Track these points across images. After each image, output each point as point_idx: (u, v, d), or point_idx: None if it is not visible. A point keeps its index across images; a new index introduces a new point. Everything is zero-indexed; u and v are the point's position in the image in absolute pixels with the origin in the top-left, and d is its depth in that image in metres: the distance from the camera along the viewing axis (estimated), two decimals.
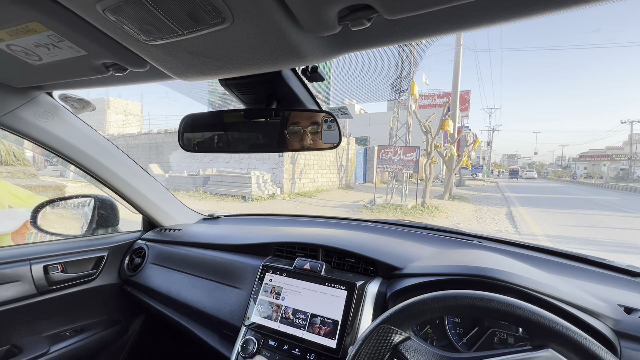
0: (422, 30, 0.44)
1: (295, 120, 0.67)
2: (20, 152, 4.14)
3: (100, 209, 1.37)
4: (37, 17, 0.48)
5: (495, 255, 0.87)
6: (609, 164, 46.66)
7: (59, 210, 1.46)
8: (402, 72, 11.08)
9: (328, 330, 0.78)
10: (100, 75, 0.65)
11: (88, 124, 1.07)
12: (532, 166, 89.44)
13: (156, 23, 0.43)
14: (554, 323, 0.46)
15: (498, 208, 10.14)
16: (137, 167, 1.26)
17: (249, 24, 0.42)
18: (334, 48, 0.51)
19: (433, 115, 10.91)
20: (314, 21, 0.41)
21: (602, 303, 0.65)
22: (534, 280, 0.67)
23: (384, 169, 9.74)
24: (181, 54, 0.52)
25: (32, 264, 1.05)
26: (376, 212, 8.46)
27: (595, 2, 0.34)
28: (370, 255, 0.88)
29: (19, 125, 0.91)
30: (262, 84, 0.65)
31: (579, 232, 6.60)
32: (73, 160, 1.06)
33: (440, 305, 0.53)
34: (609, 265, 0.86)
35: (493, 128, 47.63)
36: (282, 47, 0.48)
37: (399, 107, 11.43)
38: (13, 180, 3.47)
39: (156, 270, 1.25)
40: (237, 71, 0.57)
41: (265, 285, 0.92)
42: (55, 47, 0.55)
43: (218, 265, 1.10)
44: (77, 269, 1.17)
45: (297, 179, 12.06)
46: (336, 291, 0.81)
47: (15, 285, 1.01)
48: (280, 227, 1.35)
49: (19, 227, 2.81)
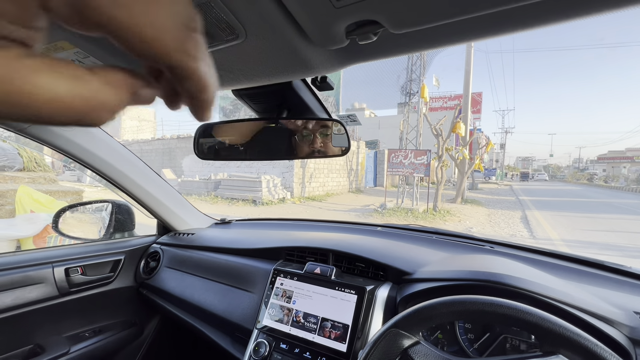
0: (428, 42, 0.45)
1: (306, 128, 0.69)
2: (41, 158, 4.31)
3: (117, 214, 1.42)
4: (66, 37, 0.51)
5: (506, 260, 0.86)
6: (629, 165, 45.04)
7: (79, 215, 1.52)
8: (412, 75, 11.03)
9: (338, 334, 0.79)
10: None
11: (106, 132, 1.12)
12: (547, 169, 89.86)
13: None
14: (564, 329, 0.46)
15: (512, 212, 9.91)
16: (151, 172, 1.30)
17: (261, 40, 0.45)
18: (342, 59, 0.52)
19: (444, 118, 10.80)
20: (323, 36, 0.43)
21: (617, 310, 0.64)
22: (545, 286, 0.66)
23: (394, 172, 9.67)
24: None
25: (55, 266, 1.10)
26: (387, 217, 8.40)
27: (596, 13, 0.35)
28: (381, 260, 0.88)
29: (43, 134, 0.96)
30: (273, 94, 0.67)
31: (599, 236, 6.39)
32: (92, 167, 1.11)
33: (449, 311, 0.54)
34: (626, 271, 0.85)
35: (506, 130, 46.77)
36: (293, 60, 0.50)
37: (410, 110, 11.37)
38: (34, 185, 3.61)
39: (170, 274, 1.28)
40: (249, 82, 0.59)
41: (276, 289, 0.93)
42: (80, 62, 0.59)
43: (230, 269, 1.13)
44: (95, 271, 1.22)
45: (307, 183, 12.10)
46: (346, 295, 0.82)
47: (39, 287, 1.06)
48: (290, 231, 1.37)
49: (40, 231, 2.92)
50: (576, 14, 0.36)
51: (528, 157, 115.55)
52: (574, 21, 0.36)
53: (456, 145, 12.79)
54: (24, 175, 3.84)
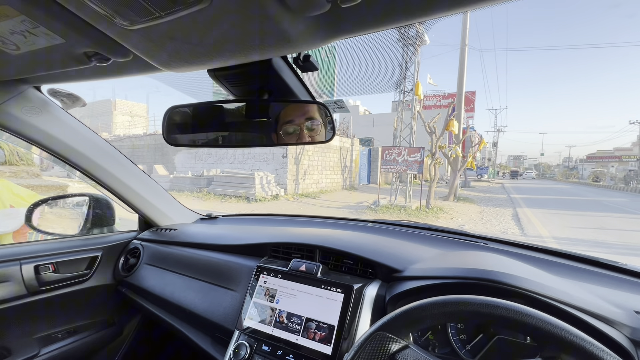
0: (422, 8, 0.40)
1: (288, 112, 0.63)
2: (24, 152, 4.16)
3: (96, 208, 1.34)
4: (7, 0, 0.45)
5: (501, 257, 0.82)
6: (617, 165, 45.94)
7: (54, 210, 1.44)
8: (406, 72, 10.99)
9: (323, 336, 0.74)
10: (83, 66, 0.62)
11: (80, 120, 1.04)
12: (537, 167, 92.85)
13: (131, 4, 0.40)
14: (567, 332, 0.42)
15: (504, 209, 10.00)
16: (131, 165, 1.23)
17: (229, 3, 0.39)
18: (325, 32, 0.47)
19: (438, 116, 10.82)
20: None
21: (617, 309, 0.61)
22: (543, 285, 0.62)
23: (388, 169, 9.67)
24: (162, 39, 0.49)
25: (23, 263, 1.03)
26: (380, 213, 8.39)
27: None
28: (369, 256, 0.83)
29: (5, 120, 0.88)
30: (252, 75, 0.61)
31: (588, 234, 6.47)
32: (63, 157, 1.03)
33: (441, 312, 0.49)
34: (622, 268, 0.81)
35: (499, 129, 47.24)
36: (268, 30, 0.44)
37: (403, 108, 11.34)
38: (16, 180, 3.48)
39: (151, 271, 1.22)
40: (223, 59, 0.53)
41: (259, 287, 0.88)
42: (31, 34, 0.52)
43: (213, 266, 1.07)
44: (69, 269, 1.15)
45: (300, 179, 12.03)
46: (332, 294, 0.77)
47: (4, 285, 0.98)
48: (278, 227, 1.32)
49: (20, 227, 2.81)
50: None
51: (519, 156, 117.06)
52: None
53: (449, 143, 12.83)
54: (5, 169, 3.70)
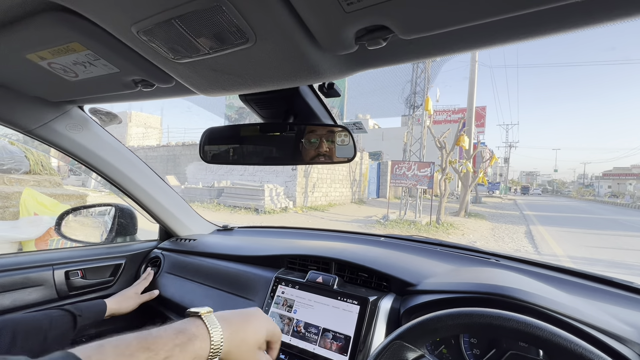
0: (436, 49, 0.45)
1: (312, 134, 0.69)
2: (47, 161, 4.35)
3: (120, 218, 1.41)
4: (77, 38, 0.52)
5: (513, 274, 0.84)
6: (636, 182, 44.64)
7: (81, 218, 1.52)
8: (416, 87, 11.11)
9: (340, 346, 0.77)
10: (129, 90, 0.70)
11: (112, 134, 1.13)
12: (551, 184, 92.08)
13: (184, 43, 0.46)
14: (578, 347, 0.44)
15: (516, 226, 9.79)
16: (156, 177, 1.30)
17: (271, 44, 0.45)
18: (350, 65, 0.53)
19: (448, 131, 10.83)
20: (332, 41, 0.43)
21: (629, 328, 0.62)
22: (555, 301, 0.64)
23: (397, 184, 9.65)
24: (206, 71, 0.55)
25: (55, 269, 1.09)
26: (389, 228, 8.33)
27: (603, 23, 0.35)
28: (384, 270, 0.87)
29: (51, 136, 0.97)
30: (280, 99, 0.67)
31: (605, 253, 6.27)
32: (98, 170, 1.11)
33: (455, 323, 0.52)
34: (636, 288, 0.82)
35: (510, 144, 46.69)
36: (301, 65, 0.50)
37: (413, 123, 11.42)
38: (39, 188, 3.63)
39: (171, 280, 1.26)
40: (257, 87, 0.60)
41: (277, 297, 0.91)
42: (91, 65, 0.60)
43: (231, 276, 1.11)
44: (95, 275, 1.21)
45: (309, 192, 12.08)
46: (349, 306, 0.81)
47: (38, 289, 1.05)
48: (293, 239, 1.35)
49: (43, 234, 2.92)
50: (585, 22, 0.35)
51: (532, 172, 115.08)
52: (584, 29, 0.36)
53: (460, 159, 12.77)
54: (30, 178, 3.87)
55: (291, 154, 0.69)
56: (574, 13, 0.35)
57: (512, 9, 0.34)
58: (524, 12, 0.33)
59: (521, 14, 0.34)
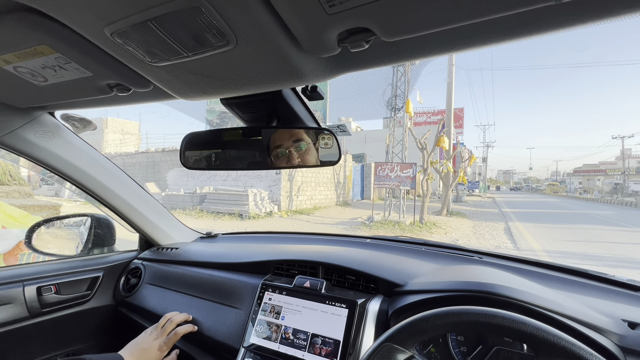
0: (418, 51, 0.46)
1: (296, 137, 0.68)
2: (16, 171, 4.12)
3: (97, 228, 1.35)
4: (46, 41, 0.49)
5: (496, 271, 0.86)
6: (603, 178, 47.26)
7: (55, 230, 1.45)
8: (397, 90, 11.32)
9: (329, 351, 0.76)
10: (103, 95, 0.67)
11: (88, 143, 1.08)
12: (527, 181, 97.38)
13: (162, 46, 0.45)
14: (560, 339, 0.46)
15: (496, 223, 10.12)
16: (135, 185, 1.26)
17: (252, 46, 0.44)
18: (333, 68, 0.52)
19: (428, 132, 11.09)
20: (314, 43, 0.43)
21: (606, 318, 0.65)
22: (536, 296, 0.66)
23: (381, 185, 9.77)
24: (185, 74, 0.54)
25: (26, 285, 1.03)
26: (374, 229, 8.41)
27: (579, 24, 0.36)
28: (371, 272, 0.87)
29: (20, 144, 0.91)
30: (262, 103, 0.66)
31: (578, 247, 6.58)
32: (72, 179, 1.06)
33: (444, 322, 0.52)
34: (610, 279, 0.86)
35: (488, 144, 48.33)
36: (284, 68, 0.49)
37: (395, 125, 11.62)
38: (8, 200, 3.43)
39: (152, 291, 1.22)
40: (239, 91, 0.58)
41: (264, 304, 0.90)
42: (61, 68, 0.57)
43: (216, 284, 1.08)
44: (71, 290, 1.14)
45: (294, 196, 12.03)
46: (337, 310, 0.80)
47: (7, 307, 0.98)
48: (279, 244, 1.34)
49: (12, 248, 2.75)
50: (561, 25, 0.37)
51: (509, 170, 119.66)
52: (561, 31, 0.38)
53: (440, 159, 13.09)
54: None
55: (275, 157, 0.68)
56: (550, 16, 0.36)
57: (492, 12, 0.34)
58: (503, 14, 0.34)
59: (501, 16, 0.35)
